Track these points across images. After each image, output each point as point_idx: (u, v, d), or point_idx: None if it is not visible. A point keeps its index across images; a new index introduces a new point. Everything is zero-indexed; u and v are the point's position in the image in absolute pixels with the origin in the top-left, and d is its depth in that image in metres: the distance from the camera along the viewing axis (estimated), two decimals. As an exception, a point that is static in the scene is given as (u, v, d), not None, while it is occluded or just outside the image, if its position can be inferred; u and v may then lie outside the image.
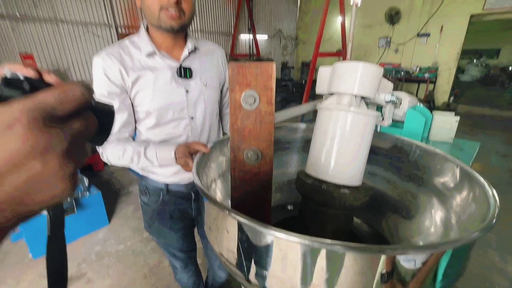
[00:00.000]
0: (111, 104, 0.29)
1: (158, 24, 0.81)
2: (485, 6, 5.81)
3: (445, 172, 0.65)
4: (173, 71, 0.88)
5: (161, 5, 0.77)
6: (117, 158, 0.87)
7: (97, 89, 0.84)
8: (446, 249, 0.39)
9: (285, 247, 0.42)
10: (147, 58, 0.86)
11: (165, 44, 0.88)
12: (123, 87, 0.85)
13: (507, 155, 3.92)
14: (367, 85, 0.69)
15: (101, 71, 0.82)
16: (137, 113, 0.91)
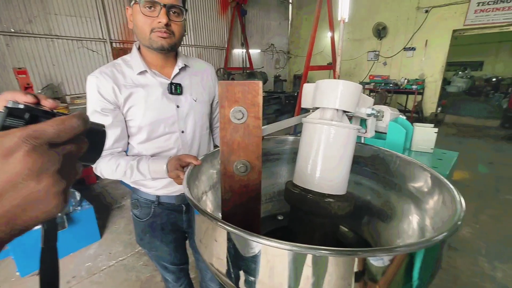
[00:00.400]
0: (102, 124, 0.32)
1: (150, 45, 0.86)
2: (466, 22, 6.13)
3: (420, 179, 0.70)
4: (164, 88, 0.92)
5: (152, 28, 0.83)
6: (111, 172, 0.89)
7: (91, 106, 0.88)
8: (416, 249, 0.43)
9: (269, 253, 0.45)
10: (139, 76, 0.91)
11: (156, 63, 0.93)
12: (116, 103, 0.88)
13: (492, 162, 4.04)
14: (348, 100, 0.74)
15: (95, 88, 0.86)
16: (130, 128, 0.94)
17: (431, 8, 6.48)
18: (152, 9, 0.81)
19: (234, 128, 0.74)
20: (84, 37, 4.92)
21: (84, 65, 5.02)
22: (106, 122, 0.87)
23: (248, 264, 0.48)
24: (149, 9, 0.81)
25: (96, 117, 0.87)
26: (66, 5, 4.62)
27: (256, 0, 7.88)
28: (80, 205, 2.27)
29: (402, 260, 0.43)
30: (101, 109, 0.86)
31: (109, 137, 0.89)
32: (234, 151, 0.75)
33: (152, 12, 0.81)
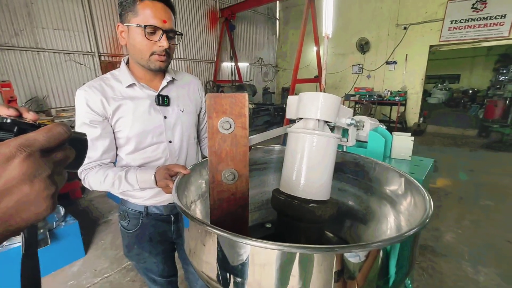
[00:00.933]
0: (83, 133, 0.35)
1: (147, 66, 0.90)
2: (441, 38, 6.55)
3: (396, 183, 0.75)
4: (152, 100, 0.95)
5: (152, 51, 0.86)
6: (99, 183, 0.90)
7: (79, 118, 0.90)
8: (388, 244, 0.47)
9: (256, 253, 0.48)
10: (127, 89, 0.93)
11: (145, 77, 0.96)
12: (105, 115, 0.90)
13: (472, 170, 4.22)
14: (328, 111, 0.79)
15: (84, 101, 0.88)
16: (118, 140, 0.95)
17: (409, 25, 6.89)
18: (154, 34, 0.85)
19: (222, 138, 0.77)
20: (71, 50, 4.91)
21: (71, 78, 4.98)
22: (95, 133, 0.89)
23: (237, 266, 0.50)
24: (151, 34, 0.84)
25: (85, 129, 0.88)
26: (54, 19, 4.62)
27: (244, 15, 8.14)
28: (64, 220, 2.20)
29: (376, 255, 0.46)
30: (89, 121, 0.88)
31: (98, 148, 0.90)
32: (222, 160, 0.79)
33: (154, 36, 0.85)
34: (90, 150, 0.90)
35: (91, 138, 0.88)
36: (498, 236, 2.48)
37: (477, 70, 12.52)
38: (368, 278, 0.47)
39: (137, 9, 0.82)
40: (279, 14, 9.59)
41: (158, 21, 0.83)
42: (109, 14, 5.32)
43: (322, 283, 0.46)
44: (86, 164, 0.91)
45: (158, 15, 0.82)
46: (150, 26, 0.82)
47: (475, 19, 6.09)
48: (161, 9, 0.83)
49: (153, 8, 0.82)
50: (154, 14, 0.82)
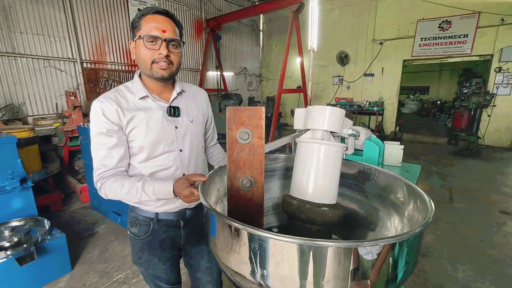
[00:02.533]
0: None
1: (151, 74, 0.94)
2: (413, 53, 7.09)
3: (397, 188, 0.84)
4: (164, 110, 1.00)
5: (153, 59, 0.91)
6: (115, 192, 0.91)
7: (96, 128, 0.92)
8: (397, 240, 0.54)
9: (283, 249, 0.54)
10: (140, 100, 0.98)
11: (156, 89, 1.01)
12: (120, 125, 0.93)
13: (446, 175, 4.56)
14: (334, 122, 0.87)
15: (100, 112, 0.91)
16: (131, 149, 0.98)
17: (384, 41, 7.40)
18: (154, 43, 0.90)
19: (240, 148, 0.83)
20: (51, 56, 4.73)
21: (50, 85, 4.77)
22: (111, 142, 0.92)
23: (265, 258, 0.55)
24: (151, 43, 0.90)
25: (102, 138, 0.91)
26: (33, 24, 4.45)
27: (229, 26, 8.29)
28: (50, 234, 2.10)
29: (388, 251, 0.54)
30: (106, 131, 0.91)
31: (114, 157, 0.93)
32: (240, 168, 0.84)
33: (154, 45, 0.90)
34: (107, 159, 0.93)
35: (108, 147, 0.92)
36: (472, 236, 2.71)
37: (444, 82, 13.58)
38: (381, 271, 0.55)
39: (141, 24, 0.91)
40: (262, 26, 9.88)
41: (158, 31, 0.89)
42: (93, 20, 5.21)
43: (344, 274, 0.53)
44: (102, 172, 0.93)
45: (158, 25, 0.89)
46: (149, 36, 0.89)
47: (441, 37, 6.68)
48: (161, 21, 0.90)
49: (153, 21, 0.90)
50: (154, 25, 0.89)
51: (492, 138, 6.44)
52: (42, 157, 3.25)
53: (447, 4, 6.35)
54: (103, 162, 0.93)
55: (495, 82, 6.25)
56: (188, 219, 1.11)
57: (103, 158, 0.93)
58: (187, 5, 7.05)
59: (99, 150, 0.93)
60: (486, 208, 3.34)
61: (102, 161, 0.93)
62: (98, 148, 0.93)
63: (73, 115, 4.01)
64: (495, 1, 5.90)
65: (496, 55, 6.11)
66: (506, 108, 6.18)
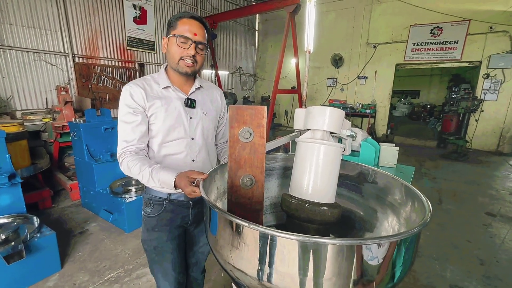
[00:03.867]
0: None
1: (176, 69, 1.07)
2: (405, 58, 7.23)
3: (394, 189, 0.86)
4: (182, 101, 1.11)
5: (181, 56, 1.04)
6: (130, 170, 1.02)
7: (124, 109, 1.04)
8: (398, 239, 0.56)
9: (287, 246, 0.54)
10: (163, 90, 1.10)
11: (178, 82, 1.13)
12: (144, 107, 1.06)
13: (435, 177, 4.67)
14: (334, 123, 0.89)
15: (129, 95, 1.04)
16: (150, 132, 1.09)
17: (378, 45, 7.52)
18: (185, 43, 1.02)
19: (241, 146, 0.83)
20: (42, 50, 4.60)
21: (40, 79, 4.64)
22: (137, 120, 1.04)
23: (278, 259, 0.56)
24: (183, 43, 1.02)
25: (129, 117, 1.04)
26: (24, 16, 4.32)
27: (225, 25, 8.26)
28: (39, 232, 2.05)
29: (391, 248, 0.55)
30: (133, 111, 1.04)
31: (136, 133, 1.05)
32: (241, 166, 0.84)
33: (185, 45, 1.03)
34: (129, 135, 1.04)
35: (133, 125, 1.04)
36: (460, 236, 2.78)
37: (434, 87, 13.89)
38: (382, 268, 0.56)
39: (177, 25, 1.03)
40: (258, 26, 9.88)
41: (190, 33, 1.02)
42: (86, 14, 5.10)
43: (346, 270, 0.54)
44: (126, 147, 1.04)
45: (191, 29, 1.02)
46: (182, 36, 1.01)
47: (433, 43, 6.84)
48: (194, 25, 1.03)
49: (188, 24, 1.02)
50: (188, 28, 1.02)
51: (479, 142, 6.63)
52: (31, 153, 3.16)
53: (439, 10, 6.50)
54: (126, 138, 1.04)
55: (483, 88, 6.44)
56: (197, 200, 1.19)
57: (127, 135, 1.04)
58: (183, 2, 6.98)
59: (125, 127, 1.04)
60: (473, 210, 3.44)
61: (125, 137, 1.04)
62: (124, 126, 1.04)
63: (64, 111, 3.92)
64: (484, 9, 6.07)
65: (485, 61, 6.30)
66: (493, 114, 6.38)
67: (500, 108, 6.30)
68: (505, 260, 2.40)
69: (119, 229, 2.72)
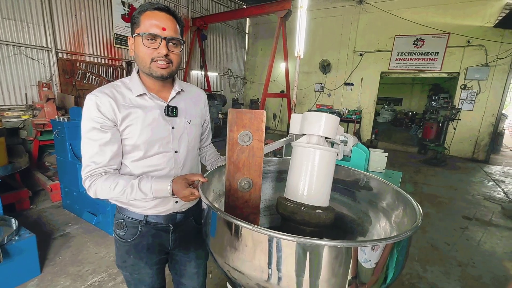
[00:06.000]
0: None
1: (149, 73, 0.90)
2: (390, 66, 7.51)
3: (386, 194, 0.90)
4: (161, 110, 0.96)
5: (152, 57, 0.88)
6: (107, 191, 0.87)
7: (89, 123, 0.87)
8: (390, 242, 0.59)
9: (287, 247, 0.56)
10: (138, 98, 0.94)
11: (154, 87, 0.97)
12: (114, 121, 0.90)
13: (416, 182, 4.86)
14: (330, 129, 0.91)
15: (95, 106, 0.87)
16: (124, 147, 0.94)
17: (364, 53, 7.77)
18: (153, 41, 0.86)
19: (240, 150, 0.84)
20: (23, 44, 4.40)
21: (20, 74, 4.43)
22: (105, 138, 0.88)
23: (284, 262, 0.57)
24: (150, 41, 0.86)
25: (95, 134, 0.87)
26: (4, 7, 4.12)
27: (215, 27, 8.25)
28: (18, 235, 1.95)
29: (386, 250, 0.58)
30: (100, 126, 0.87)
31: (106, 153, 0.89)
32: (240, 170, 0.85)
33: (153, 43, 0.86)
34: (98, 156, 0.88)
35: (101, 143, 0.88)
36: (439, 239, 2.91)
37: (415, 95, 14.49)
38: (375, 270, 0.59)
39: (140, 20, 0.87)
40: (248, 29, 9.94)
41: (157, 29, 0.85)
42: (72, 9, 4.94)
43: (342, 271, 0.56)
44: (93, 170, 0.88)
45: (158, 23, 0.85)
46: (148, 34, 0.85)
47: (416, 53, 7.16)
48: (161, 18, 0.86)
49: (153, 18, 0.86)
50: (154, 22, 0.85)
51: (456, 149, 6.98)
52: (8, 151, 3.00)
53: (421, 23, 6.82)
54: (94, 159, 0.88)
55: (460, 97, 6.79)
56: (178, 223, 1.07)
57: (94, 155, 0.88)
58: (173, 1, 6.91)
59: (91, 146, 0.88)
60: (451, 213, 3.62)
61: (93, 158, 0.88)
62: (90, 144, 0.88)
63: (46, 108, 3.76)
64: (463, 24, 6.44)
65: (462, 73, 6.66)
66: (469, 123, 6.74)
67: (475, 117, 6.67)
68: (480, 261, 2.54)
69: (103, 232, 2.63)
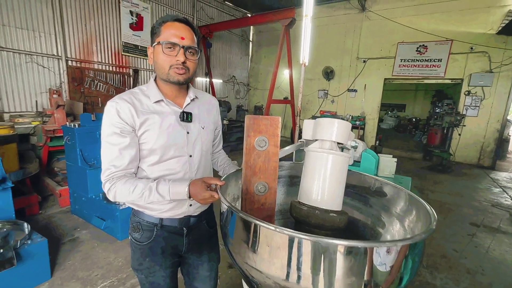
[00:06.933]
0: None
1: (167, 79, 0.96)
2: (393, 73, 7.56)
3: (397, 198, 0.92)
4: (177, 115, 1.01)
5: (170, 64, 0.94)
6: (127, 194, 0.90)
7: (109, 128, 0.92)
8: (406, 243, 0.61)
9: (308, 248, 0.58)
10: (155, 104, 0.99)
11: (170, 93, 1.03)
12: (133, 126, 0.94)
13: (422, 189, 4.84)
14: (342, 134, 0.94)
15: (115, 112, 0.92)
16: (141, 151, 0.98)
17: (367, 59, 7.83)
18: (172, 49, 0.92)
19: (257, 154, 0.87)
20: (35, 52, 4.53)
21: (31, 81, 4.55)
22: (124, 143, 0.93)
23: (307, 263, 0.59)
24: (170, 49, 0.92)
25: (115, 138, 0.92)
26: (18, 17, 4.26)
27: (220, 35, 8.40)
28: (30, 239, 1.98)
29: (402, 251, 0.60)
30: (120, 131, 0.92)
31: (125, 157, 0.93)
32: (256, 174, 0.88)
33: (172, 51, 0.92)
34: (118, 159, 0.92)
35: (121, 147, 0.92)
36: (447, 246, 2.89)
37: (419, 101, 14.49)
38: (392, 271, 0.61)
39: (161, 31, 0.93)
40: (252, 37, 10.10)
41: (176, 38, 0.92)
42: (82, 18, 5.08)
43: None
44: (112, 173, 0.92)
45: (177, 33, 0.92)
46: (168, 42, 0.91)
47: (419, 60, 7.21)
48: (180, 28, 0.93)
49: (173, 28, 0.92)
50: (173, 32, 0.92)
51: (462, 155, 6.94)
52: (20, 157, 3.07)
53: (424, 30, 6.89)
54: (113, 162, 0.92)
55: (464, 104, 6.80)
56: (192, 226, 1.11)
57: (114, 159, 0.92)
58: (179, 10, 7.08)
59: (111, 150, 0.92)
60: (459, 220, 3.59)
61: (113, 161, 0.92)
62: (110, 149, 0.92)
63: (56, 114, 3.83)
64: (466, 31, 6.49)
65: (466, 79, 6.68)
66: (474, 129, 6.72)
67: (480, 123, 6.65)
68: (490, 269, 2.51)
69: (111, 237, 2.65)
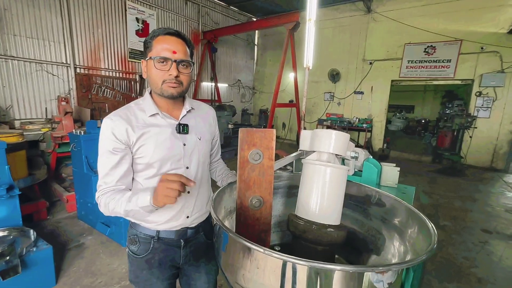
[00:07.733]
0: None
1: (161, 93, 0.96)
2: (401, 74, 7.44)
3: (398, 211, 0.89)
4: (173, 128, 1.00)
5: (163, 79, 0.93)
6: (108, 206, 0.90)
7: (104, 145, 0.93)
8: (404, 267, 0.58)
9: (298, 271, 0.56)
10: (151, 118, 0.98)
11: (166, 106, 1.02)
12: (128, 143, 0.94)
13: (431, 193, 4.71)
14: (340, 146, 0.92)
15: (110, 130, 0.92)
16: (137, 165, 0.98)
17: (374, 61, 7.74)
18: (165, 63, 0.91)
19: (251, 168, 0.86)
20: (44, 60, 4.66)
21: (41, 89, 4.68)
22: (115, 160, 0.93)
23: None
24: (162, 64, 0.91)
25: (107, 156, 0.93)
26: (28, 27, 4.40)
27: (225, 39, 8.46)
28: (35, 246, 2.01)
29: (398, 275, 0.57)
30: (112, 149, 0.92)
31: (115, 175, 0.93)
32: (250, 188, 0.86)
33: (164, 66, 0.91)
34: (108, 176, 0.93)
35: (112, 165, 0.92)
36: (457, 254, 2.79)
37: (428, 102, 14.20)
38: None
39: (153, 45, 0.92)
40: (257, 40, 10.13)
41: (168, 52, 0.90)
42: (90, 26, 5.21)
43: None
44: (103, 189, 0.93)
45: (169, 47, 0.90)
46: (160, 57, 0.90)
47: (427, 61, 7.07)
48: (172, 42, 0.92)
49: (164, 42, 0.91)
50: (165, 46, 0.91)
51: (473, 158, 6.74)
52: (29, 163, 3.14)
53: (432, 30, 6.76)
54: (104, 179, 0.93)
55: (475, 105, 6.61)
56: (189, 238, 1.09)
57: (105, 176, 0.93)
58: (185, 16, 7.17)
59: (103, 167, 0.93)
60: (470, 226, 3.47)
61: (103, 178, 0.93)
62: (103, 166, 0.93)
63: (64, 121, 3.92)
64: (476, 30, 6.34)
65: (477, 80, 6.51)
66: (486, 131, 6.53)
67: (492, 125, 6.45)
68: (502, 278, 2.41)
69: (115, 243, 2.67)
